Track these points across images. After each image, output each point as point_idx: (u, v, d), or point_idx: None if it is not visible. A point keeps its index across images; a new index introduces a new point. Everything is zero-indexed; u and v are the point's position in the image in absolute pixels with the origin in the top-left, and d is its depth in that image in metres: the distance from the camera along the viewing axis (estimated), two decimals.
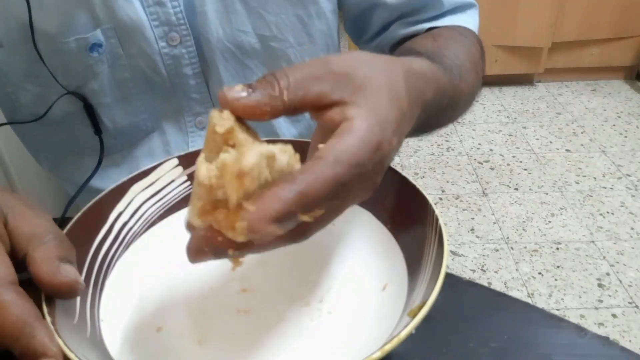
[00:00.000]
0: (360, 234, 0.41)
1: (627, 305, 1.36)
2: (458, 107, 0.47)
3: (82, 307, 0.33)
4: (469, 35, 0.55)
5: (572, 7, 2.29)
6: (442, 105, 0.40)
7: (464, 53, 0.50)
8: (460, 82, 0.45)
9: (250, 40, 0.53)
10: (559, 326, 0.38)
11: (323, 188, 0.24)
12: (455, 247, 1.58)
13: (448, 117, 0.49)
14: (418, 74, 0.34)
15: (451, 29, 0.55)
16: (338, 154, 0.25)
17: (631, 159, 1.96)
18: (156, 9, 0.49)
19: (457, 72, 0.45)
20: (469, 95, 0.49)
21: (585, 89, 2.51)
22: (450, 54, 0.47)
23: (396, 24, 0.57)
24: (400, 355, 0.28)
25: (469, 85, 0.48)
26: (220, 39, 0.52)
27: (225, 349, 0.34)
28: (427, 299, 0.28)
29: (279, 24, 0.53)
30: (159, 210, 0.42)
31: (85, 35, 0.48)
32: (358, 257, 0.40)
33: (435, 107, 0.38)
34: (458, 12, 0.57)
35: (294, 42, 0.55)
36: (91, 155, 0.55)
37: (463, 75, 0.46)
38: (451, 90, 0.42)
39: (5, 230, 0.29)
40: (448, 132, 2.19)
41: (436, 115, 0.40)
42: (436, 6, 0.55)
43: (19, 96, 0.52)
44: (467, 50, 0.51)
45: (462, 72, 0.46)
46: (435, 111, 0.38)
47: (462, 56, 0.49)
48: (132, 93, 0.54)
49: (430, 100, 0.35)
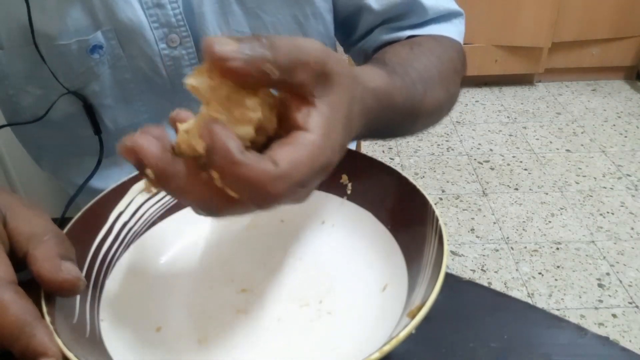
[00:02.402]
0: (360, 234, 0.41)
1: (627, 305, 1.36)
2: (417, 121, 0.48)
3: (82, 306, 0.33)
4: (450, 46, 0.55)
5: (572, 7, 2.29)
6: (394, 121, 0.42)
7: (436, 67, 0.50)
8: (424, 97, 0.46)
9: None
10: (559, 326, 0.38)
11: (255, 179, 0.24)
12: (455, 247, 1.58)
13: (405, 130, 0.50)
14: (371, 91, 0.36)
15: (432, 39, 0.55)
16: (291, 171, 0.25)
17: (631, 159, 1.96)
18: (156, 10, 0.49)
19: (421, 86, 0.46)
20: (433, 109, 0.49)
21: (585, 89, 2.51)
22: (420, 66, 0.48)
23: (379, 28, 0.57)
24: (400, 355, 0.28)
25: (434, 101, 0.49)
26: None
27: (225, 349, 0.34)
28: (427, 299, 0.28)
29: (276, 24, 0.54)
30: (160, 210, 0.43)
31: (86, 37, 0.48)
32: (358, 257, 0.40)
33: (384, 122, 0.40)
34: (442, 22, 0.57)
35: None
36: (92, 157, 0.55)
37: (428, 90, 0.47)
38: (408, 105, 0.43)
39: (5, 230, 0.29)
40: (448, 132, 2.19)
41: (385, 128, 0.43)
42: (420, 13, 0.56)
43: (21, 99, 0.52)
44: (441, 63, 0.51)
45: (428, 87, 0.47)
46: (384, 126, 0.40)
47: (432, 70, 0.49)
48: (133, 94, 0.54)
49: (377, 117, 0.37)
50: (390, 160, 2.02)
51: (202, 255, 0.42)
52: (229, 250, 0.42)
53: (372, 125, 0.37)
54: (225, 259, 0.42)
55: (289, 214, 0.44)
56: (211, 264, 0.41)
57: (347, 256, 0.40)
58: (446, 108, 0.54)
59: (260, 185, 0.24)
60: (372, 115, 0.36)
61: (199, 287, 0.39)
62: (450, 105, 0.55)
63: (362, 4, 0.56)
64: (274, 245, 0.42)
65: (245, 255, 0.42)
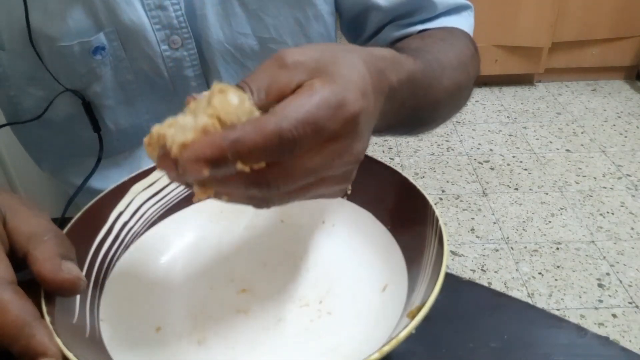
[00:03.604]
0: (360, 234, 0.41)
1: (627, 305, 1.36)
2: (439, 102, 0.46)
3: (82, 306, 0.33)
4: (461, 36, 0.55)
5: (572, 7, 2.29)
6: (417, 95, 0.39)
7: (452, 52, 0.49)
8: (443, 77, 0.44)
9: (249, 42, 0.54)
10: (558, 326, 0.38)
11: (261, 138, 0.24)
12: (455, 247, 1.58)
13: (430, 112, 0.47)
14: (377, 56, 0.33)
15: (442, 30, 0.55)
16: (287, 110, 0.25)
17: (631, 159, 1.96)
18: (158, 12, 0.49)
19: (437, 65, 0.44)
20: (453, 91, 0.48)
21: (585, 89, 2.51)
22: (435, 50, 0.47)
23: (389, 26, 0.57)
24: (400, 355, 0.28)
25: (455, 82, 0.47)
26: (221, 41, 0.53)
27: (225, 349, 0.34)
28: (427, 300, 0.28)
29: (278, 26, 0.54)
30: (160, 210, 0.43)
31: (89, 39, 0.49)
32: (358, 257, 0.40)
33: (407, 94, 0.37)
34: (452, 14, 0.57)
35: (292, 44, 0.55)
36: (92, 158, 0.55)
37: (446, 70, 0.45)
38: (427, 81, 0.41)
39: (5, 230, 0.29)
40: (448, 132, 2.19)
41: (412, 105, 0.39)
42: (429, 9, 0.55)
43: (22, 100, 0.53)
44: (456, 49, 0.51)
45: (446, 67, 0.45)
46: (409, 99, 0.37)
47: (449, 54, 0.48)
48: (135, 95, 0.54)
49: (395, 83, 0.34)
50: (390, 160, 2.02)
51: (202, 255, 0.42)
52: (229, 250, 0.42)
53: (400, 95, 0.35)
54: (225, 259, 0.42)
55: (289, 214, 0.44)
56: (211, 264, 0.41)
57: (347, 256, 0.40)
58: (466, 92, 0.52)
59: (266, 139, 0.24)
60: (390, 77, 0.33)
61: (199, 287, 0.39)
62: (470, 91, 0.54)
63: (370, 3, 0.56)
64: (274, 245, 0.42)
65: (245, 255, 0.42)
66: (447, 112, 0.52)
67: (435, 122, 0.53)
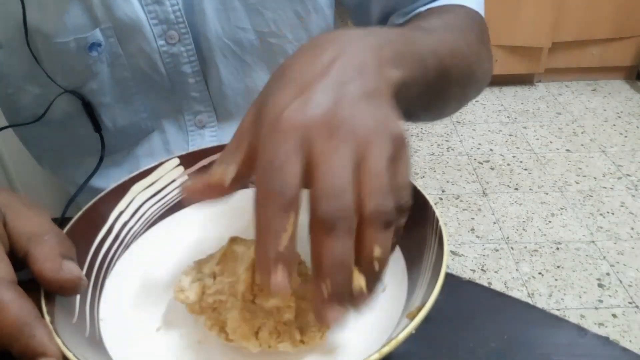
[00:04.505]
0: None
1: (627, 305, 1.36)
2: (450, 74, 0.43)
3: (82, 306, 0.33)
4: (470, 11, 0.54)
5: (572, 7, 2.29)
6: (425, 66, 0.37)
7: (458, 20, 0.49)
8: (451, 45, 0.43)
9: (248, 36, 0.53)
10: (558, 326, 0.38)
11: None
12: (455, 247, 1.58)
13: (442, 86, 0.43)
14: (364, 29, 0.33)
15: (449, 6, 0.53)
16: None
17: (631, 159, 1.96)
18: (155, 7, 0.49)
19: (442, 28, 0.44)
20: (471, 53, 0.46)
21: (585, 89, 2.51)
22: (436, 20, 0.46)
23: (394, 15, 0.56)
24: (400, 355, 0.28)
25: (469, 43, 0.46)
26: (219, 36, 0.52)
27: (225, 349, 0.34)
28: (427, 300, 0.28)
29: (277, 20, 0.53)
30: (160, 210, 0.42)
31: (84, 35, 0.48)
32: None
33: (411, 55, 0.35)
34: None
35: (292, 37, 0.55)
36: (92, 156, 0.55)
37: (456, 33, 0.45)
38: (431, 44, 0.40)
39: (5, 229, 0.29)
40: (448, 132, 2.19)
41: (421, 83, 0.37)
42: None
43: (20, 97, 0.52)
44: (461, 18, 0.50)
45: (454, 29, 0.45)
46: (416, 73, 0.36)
47: (458, 22, 0.48)
48: (132, 92, 0.54)
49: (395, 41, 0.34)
50: None
51: (202, 255, 0.42)
52: None
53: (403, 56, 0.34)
54: None
55: None
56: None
57: None
58: (483, 56, 0.50)
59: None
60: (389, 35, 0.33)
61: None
62: (489, 63, 0.53)
63: None
64: None
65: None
66: (473, 76, 0.49)
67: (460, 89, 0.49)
